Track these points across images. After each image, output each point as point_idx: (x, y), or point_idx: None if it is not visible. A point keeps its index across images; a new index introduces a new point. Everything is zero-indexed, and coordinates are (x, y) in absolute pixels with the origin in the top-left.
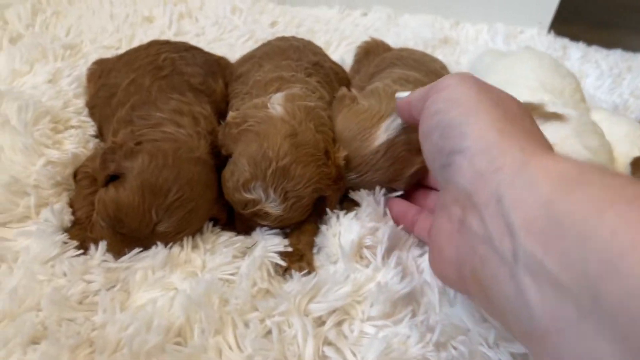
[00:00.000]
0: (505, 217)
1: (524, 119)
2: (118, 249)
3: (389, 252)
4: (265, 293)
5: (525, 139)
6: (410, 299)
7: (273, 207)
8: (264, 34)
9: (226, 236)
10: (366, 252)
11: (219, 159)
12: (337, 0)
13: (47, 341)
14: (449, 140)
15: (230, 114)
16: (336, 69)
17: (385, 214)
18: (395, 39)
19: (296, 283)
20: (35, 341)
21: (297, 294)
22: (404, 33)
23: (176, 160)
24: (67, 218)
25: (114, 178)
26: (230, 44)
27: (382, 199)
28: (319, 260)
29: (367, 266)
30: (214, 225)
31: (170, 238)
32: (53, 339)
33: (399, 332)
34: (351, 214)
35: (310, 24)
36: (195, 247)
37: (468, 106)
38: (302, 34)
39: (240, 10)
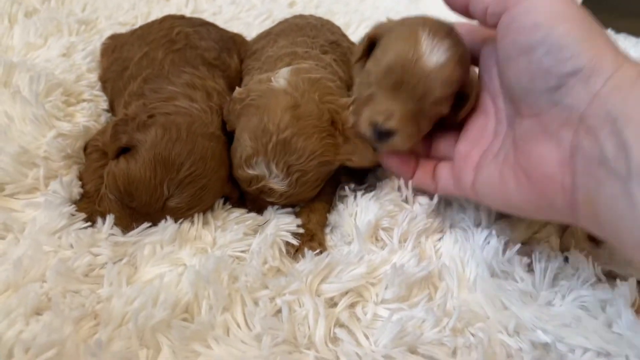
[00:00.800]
0: (619, 135)
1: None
2: (126, 223)
3: (406, 235)
4: (276, 272)
5: (621, 53)
6: (427, 283)
7: (277, 182)
8: (282, 14)
9: (237, 213)
10: (382, 234)
11: (231, 135)
12: None
13: (50, 312)
14: (561, 61)
15: (237, 90)
16: (353, 48)
17: (406, 199)
18: None
19: (308, 262)
20: (38, 312)
21: (309, 273)
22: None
23: (190, 134)
24: (76, 191)
25: (125, 151)
26: (248, 23)
27: (402, 184)
28: (332, 240)
29: (382, 248)
30: (225, 203)
31: (181, 214)
32: (57, 310)
33: (414, 315)
34: (370, 194)
35: (330, 4)
36: (206, 223)
37: (573, 21)
38: (321, 14)
39: None
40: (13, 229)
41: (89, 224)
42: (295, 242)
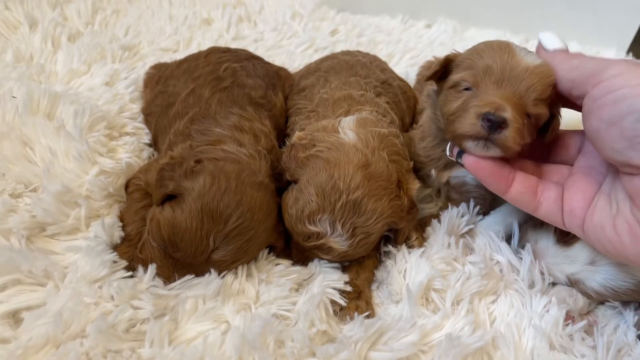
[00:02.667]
0: None
1: None
2: (168, 274)
3: (459, 297)
4: (322, 334)
5: None
6: (482, 352)
7: (339, 242)
8: (324, 42)
9: (282, 266)
10: (434, 295)
11: (279, 181)
12: (399, 9)
13: None
14: None
15: (297, 134)
16: (404, 87)
17: (455, 258)
18: None
19: (357, 327)
20: None
21: (359, 340)
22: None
23: (239, 184)
24: (118, 235)
25: (170, 197)
26: (290, 52)
27: (453, 241)
28: (378, 297)
29: (434, 312)
30: (269, 253)
31: (225, 266)
32: None
33: None
34: (419, 251)
35: (372, 33)
36: (249, 275)
37: None
38: (364, 44)
39: (301, 16)
40: (53, 276)
41: (130, 273)
42: (342, 302)
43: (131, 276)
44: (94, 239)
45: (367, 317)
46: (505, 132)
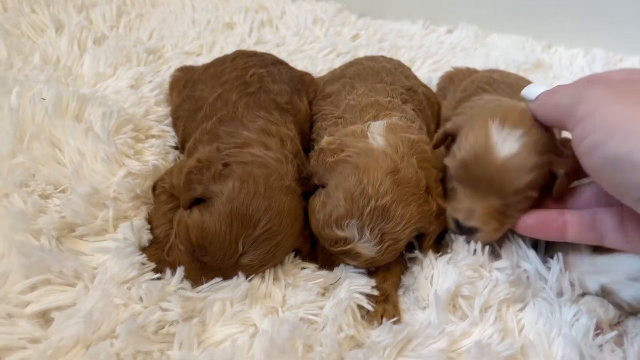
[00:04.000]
0: None
1: None
2: (196, 277)
3: (487, 304)
4: (349, 339)
5: None
6: None
7: (367, 247)
8: (346, 47)
9: (308, 270)
10: (462, 302)
11: (304, 185)
12: (420, 14)
13: None
14: (629, 174)
15: (326, 139)
16: (428, 93)
17: (482, 265)
18: (484, 60)
19: (385, 332)
20: None
21: (387, 345)
22: (493, 53)
23: (267, 189)
24: (146, 237)
25: (198, 201)
26: (312, 56)
27: (479, 247)
28: (405, 303)
29: (462, 319)
30: (295, 256)
31: (253, 270)
32: None
33: None
34: (446, 257)
35: (394, 39)
36: (276, 279)
37: (622, 130)
38: (386, 49)
39: (322, 21)
40: (83, 277)
41: (158, 275)
42: (370, 307)
43: (159, 278)
44: (123, 241)
45: (395, 322)
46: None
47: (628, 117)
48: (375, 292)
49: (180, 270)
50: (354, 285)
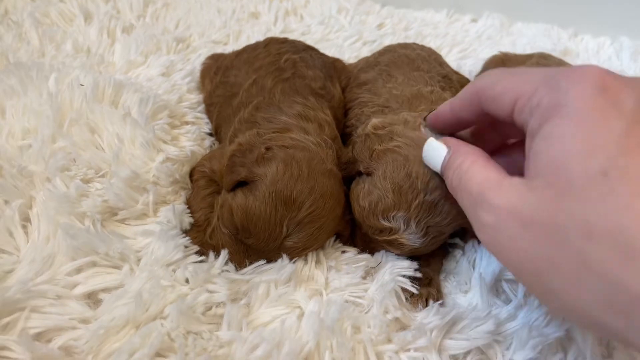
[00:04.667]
0: None
1: None
2: (239, 259)
3: None
4: (395, 322)
5: None
6: (557, 345)
7: (411, 239)
8: (372, 36)
9: (350, 253)
10: (505, 285)
11: (343, 170)
12: (444, 3)
13: (176, 356)
14: None
15: (373, 122)
16: (462, 80)
17: None
18: (511, 48)
19: (433, 314)
20: (161, 354)
21: (434, 327)
22: (520, 42)
23: (311, 172)
24: (187, 220)
25: (240, 184)
26: (338, 45)
27: None
28: (446, 287)
29: (505, 302)
30: (335, 240)
31: (297, 253)
32: (182, 354)
33: None
34: None
35: (419, 27)
36: (318, 262)
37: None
38: (412, 37)
39: (347, 10)
40: (129, 259)
41: (203, 257)
42: (414, 290)
43: (202, 261)
44: (166, 224)
45: (440, 305)
46: None
47: (615, 137)
48: (419, 275)
49: (224, 253)
50: (397, 269)
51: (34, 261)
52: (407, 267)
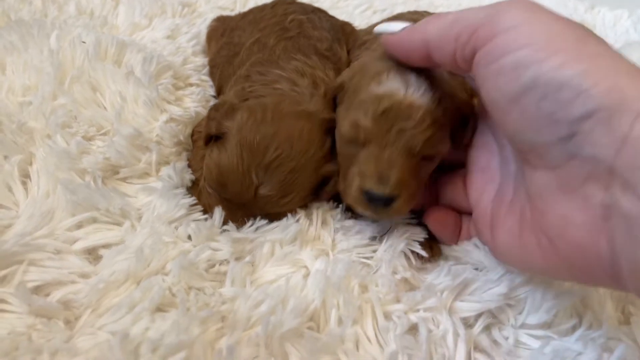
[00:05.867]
0: None
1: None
2: (231, 217)
3: None
4: (404, 282)
5: None
6: (572, 310)
7: (415, 95)
8: (383, 4)
9: (361, 224)
10: None
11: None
12: None
13: (177, 310)
14: (565, 104)
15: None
16: None
17: None
18: None
19: (443, 275)
20: (162, 308)
21: (445, 288)
22: None
23: (276, 114)
24: (188, 177)
25: (217, 139)
26: (348, 13)
27: None
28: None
29: None
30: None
31: (275, 202)
32: (183, 308)
33: (568, 347)
34: None
35: None
36: (324, 223)
37: (566, 49)
38: (423, 7)
39: None
40: (130, 216)
41: (206, 216)
42: (424, 253)
43: (206, 219)
44: (168, 180)
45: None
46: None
47: (571, 37)
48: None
49: (220, 211)
50: (408, 233)
51: (33, 216)
52: (418, 232)
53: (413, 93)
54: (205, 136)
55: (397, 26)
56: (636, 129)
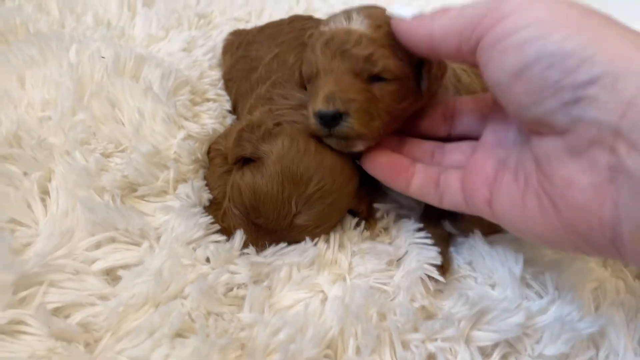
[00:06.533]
0: None
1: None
2: (253, 240)
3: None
4: (421, 310)
5: None
6: (589, 341)
7: (355, 26)
8: None
9: (378, 245)
10: (530, 279)
11: None
12: None
13: (197, 337)
14: (570, 71)
15: None
16: None
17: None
18: None
19: (461, 304)
20: (181, 334)
21: (462, 317)
22: None
23: (318, 146)
24: (206, 197)
25: (248, 161)
26: None
27: None
28: (471, 278)
29: (537, 294)
30: (358, 225)
31: (308, 232)
32: (203, 334)
33: None
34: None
35: None
36: (341, 246)
37: (570, 24)
38: None
39: None
40: (149, 236)
41: (224, 237)
42: (442, 279)
43: (227, 240)
44: (186, 199)
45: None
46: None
47: (576, 12)
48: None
49: (241, 233)
50: (423, 257)
51: (53, 235)
52: (434, 257)
53: (352, 24)
54: (236, 157)
55: (408, 12)
56: None
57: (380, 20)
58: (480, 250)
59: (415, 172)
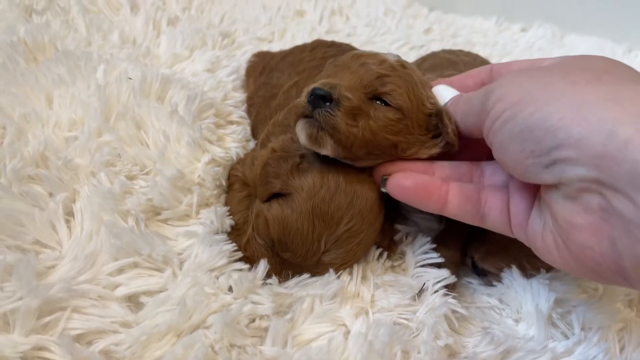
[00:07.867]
0: None
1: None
2: (277, 271)
3: (590, 323)
4: (445, 348)
5: (628, 92)
6: None
7: (388, 57)
8: (420, 41)
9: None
10: (557, 318)
11: None
12: (493, 10)
13: None
14: (539, 141)
15: None
16: None
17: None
18: None
19: (485, 344)
20: None
21: (487, 357)
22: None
23: (348, 184)
24: (228, 222)
25: (276, 194)
26: (385, 48)
27: None
28: (496, 313)
29: (563, 334)
30: (380, 257)
31: (334, 268)
32: None
33: None
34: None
35: (467, 34)
36: (364, 278)
37: (538, 99)
38: (460, 44)
39: (394, 13)
40: (172, 262)
41: (247, 265)
42: (464, 312)
43: (249, 269)
44: (209, 225)
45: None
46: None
47: (539, 88)
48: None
49: (265, 263)
50: (432, 276)
51: (77, 259)
52: (445, 276)
53: (386, 55)
54: (267, 195)
55: (447, 95)
56: (610, 146)
57: (412, 70)
58: (514, 281)
59: (449, 191)
